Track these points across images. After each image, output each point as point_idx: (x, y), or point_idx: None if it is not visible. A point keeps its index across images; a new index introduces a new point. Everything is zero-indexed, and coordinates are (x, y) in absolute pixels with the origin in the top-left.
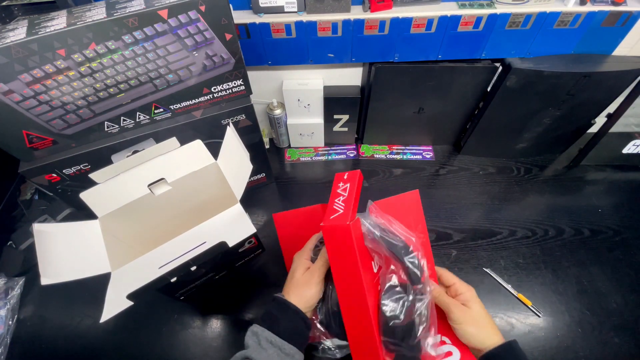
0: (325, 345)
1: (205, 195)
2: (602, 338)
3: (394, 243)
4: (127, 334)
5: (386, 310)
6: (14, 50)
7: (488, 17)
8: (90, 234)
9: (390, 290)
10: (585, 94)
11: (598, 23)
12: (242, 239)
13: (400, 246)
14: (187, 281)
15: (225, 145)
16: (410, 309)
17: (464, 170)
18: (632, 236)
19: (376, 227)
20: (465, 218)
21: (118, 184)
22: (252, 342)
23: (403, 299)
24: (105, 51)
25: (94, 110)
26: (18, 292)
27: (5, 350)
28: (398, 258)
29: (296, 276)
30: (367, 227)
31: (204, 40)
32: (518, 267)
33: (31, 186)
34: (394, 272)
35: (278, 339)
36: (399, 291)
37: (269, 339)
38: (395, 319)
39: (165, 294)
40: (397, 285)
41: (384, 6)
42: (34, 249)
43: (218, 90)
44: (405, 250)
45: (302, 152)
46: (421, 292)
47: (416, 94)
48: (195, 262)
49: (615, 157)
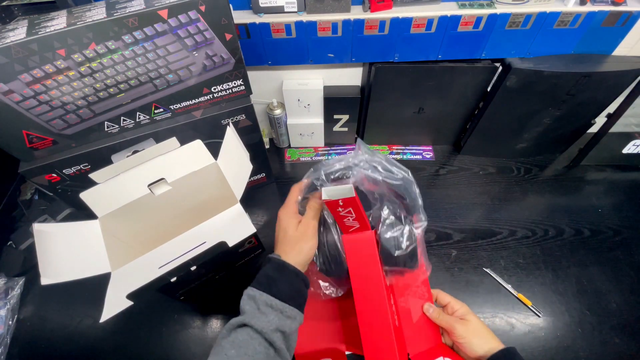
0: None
1: (205, 195)
2: (602, 338)
3: (395, 183)
4: (127, 334)
5: (390, 242)
6: (14, 50)
7: (488, 17)
8: (90, 234)
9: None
10: (585, 94)
11: (598, 23)
12: (242, 238)
13: (401, 185)
14: (187, 281)
15: (225, 145)
16: (409, 237)
17: (464, 170)
18: (632, 236)
19: (375, 171)
20: (465, 218)
21: (118, 184)
22: (250, 307)
23: (402, 230)
24: (105, 51)
25: (94, 110)
26: (18, 292)
27: (5, 350)
28: (400, 194)
29: (290, 232)
30: (367, 174)
31: (204, 40)
32: (518, 267)
33: (31, 186)
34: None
35: (278, 302)
36: (397, 223)
37: (268, 303)
38: (399, 249)
39: (165, 293)
40: (394, 220)
41: (384, 6)
42: (34, 249)
43: (218, 90)
44: (408, 184)
45: (302, 152)
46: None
47: (416, 94)
48: (195, 262)
49: (615, 157)
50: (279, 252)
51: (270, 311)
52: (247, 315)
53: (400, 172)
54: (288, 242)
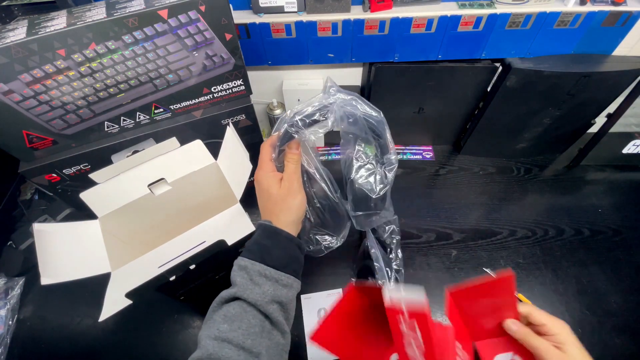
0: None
1: (205, 195)
2: (602, 338)
3: (375, 121)
4: (127, 334)
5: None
6: (14, 50)
7: (488, 17)
8: (90, 234)
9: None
10: (585, 94)
11: (598, 23)
12: (242, 237)
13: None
14: (187, 281)
15: (225, 145)
16: (382, 179)
17: (464, 170)
18: (632, 236)
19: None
20: (465, 218)
21: (118, 184)
22: (241, 278)
23: (375, 172)
24: (105, 51)
25: (94, 110)
26: (18, 292)
27: (5, 350)
28: (378, 133)
29: (273, 192)
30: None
31: (204, 40)
32: (518, 267)
33: (31, 186)
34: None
35: (273, 271)
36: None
37: (262, 272)
38: (373, 193)
39: (165, 294)
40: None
41: (384, 6)
42: (34, 249)
43: (218, 90)
44: (382, 124)
45: None
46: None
47: (416, 94)
48: (194, 260)
49: (615, 157)
50: (268, 217)
51: (265, 281)
52: (239, 288)
53: (374, 110)
54: (274, 203)
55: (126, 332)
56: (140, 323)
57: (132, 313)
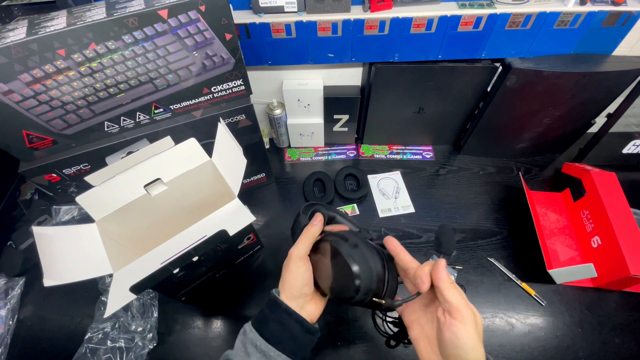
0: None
1: (202, 193)
2: (602, 338)
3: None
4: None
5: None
6: (14, 50)
7: (488, 17)
8: (89, 237)
9: None
10: (585, 94)
11: (598, 23)
12: (243, 226)
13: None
14: (188, 280)
15: (218, 141)
16: None
17: (464, 170)
18: None
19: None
20: (465, 218)
21: (113, 186)
22: (239, 342)
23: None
24: (105, 51)
25: (94, 110)
26: (18, 292)
27: (5, 350)
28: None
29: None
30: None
31: (204, 40)
32: (518, 267)
33: (31, 186)
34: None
35: (264, 344)
36: None
37: (254, 342)
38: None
39: (166, 294)
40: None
41: (384, 6)
42: (34, 249)
43: (218, 90)
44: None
45: (302, 152)
46: None
47: (416, 94)
48: (196, 251)
49: (615, 157)
50: (280, 287)
51: (254, 352)
52: (234, 352)
53: None
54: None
55: None
56: None
57: None
